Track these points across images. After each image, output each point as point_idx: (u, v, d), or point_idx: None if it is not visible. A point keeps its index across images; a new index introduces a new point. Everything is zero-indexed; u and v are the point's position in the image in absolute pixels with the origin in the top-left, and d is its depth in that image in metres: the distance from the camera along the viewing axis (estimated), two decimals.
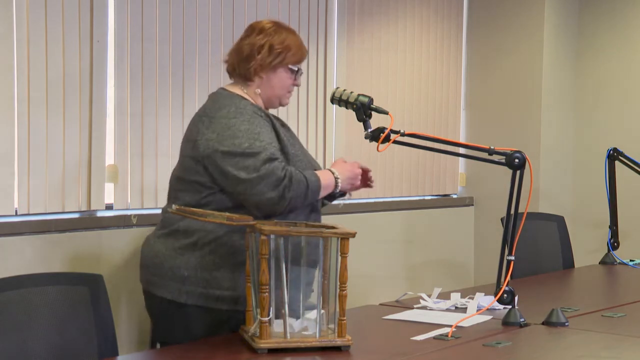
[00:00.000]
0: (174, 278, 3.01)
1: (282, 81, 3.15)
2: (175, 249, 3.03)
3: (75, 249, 3.85)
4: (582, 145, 5.91)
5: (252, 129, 2.98)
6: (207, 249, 2.99)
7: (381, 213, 5.32)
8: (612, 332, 3.04)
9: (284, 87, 3.17)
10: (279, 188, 2.92)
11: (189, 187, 3.05)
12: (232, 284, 2.98)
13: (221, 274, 2.98)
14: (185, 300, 3.00)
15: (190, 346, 2.81)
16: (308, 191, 2.99)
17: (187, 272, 3.00)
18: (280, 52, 3.13)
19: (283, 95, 3.18)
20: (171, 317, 3.04)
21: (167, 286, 3.03)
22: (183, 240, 3.02)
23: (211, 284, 2.99)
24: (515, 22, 5.75)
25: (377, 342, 2.88)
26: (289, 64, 3.15)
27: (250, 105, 3.07)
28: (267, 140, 2.98)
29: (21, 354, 2.61)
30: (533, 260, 4.58)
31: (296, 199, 2.96)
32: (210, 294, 2.99)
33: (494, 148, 3.05)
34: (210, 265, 2.99)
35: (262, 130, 3.00)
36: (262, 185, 2.92)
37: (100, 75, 3.95)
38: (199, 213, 2.83)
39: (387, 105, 3.31)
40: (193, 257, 3.00)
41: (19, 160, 3.71)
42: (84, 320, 2.74)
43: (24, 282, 2.68)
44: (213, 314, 3.00)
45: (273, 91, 3.15)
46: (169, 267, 3.03)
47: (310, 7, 4.85)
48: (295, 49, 3.16)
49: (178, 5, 4.22)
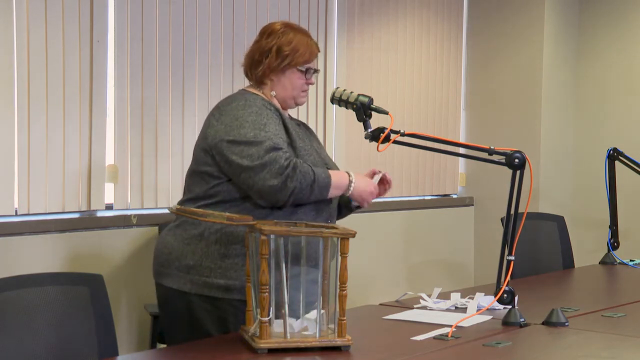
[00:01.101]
0: (180, 267, 3.03)
1: (292, 82, 3.16)
2: (183, 239, 3.05)
3: (75, 249, 3.85)
4: (582, 145, 5.91)
5: (259, 120, 3.01)
6: (212, 239, 3.01)
7: (381, 213, 5.32)
8: (612, 332, 3.04)
9: (296, 87, 3.17)
10: (281, 176, 2.92)
11: (199, 178, 3.09)
12: (237, 274, 2.98)
13: (226, 264, 2.99)
14: (190, 289, 3.01)
15: (190, 346, 2.81)
16: (314, 185, 2.98)
17: (192, 262, 3.01)
18: (288, 54, 3.13)
19: (297, 96, 3.19)
20: (175, 306, 3.06)
21: (173, 275, 3.04)
22: (191, 230, 3.04)
23: (216, 273, 3.00)
24: (515, 22, 5.75)
25: (377, 342, 2.88)
26: (298, 65, 3.15)
27: (260, 100, 3.09)
28: (273, 132, 3.00)
29: (21, 354, 2.61)
30: (533, 260, 4.58)
31: (301, 191, 2.96)
32: (215, 283, 2.99)
33: (494, 148, 3.05)
34: (215, 255, 3.00)
35: (269, 122, 3.02)
36: (265, 172, 2.93)
37: (100, 75, 3.95)
38: (199, 213, 2.84)
39: (387, 105, 3.31)
40: (199, 247, 3.02)
41: (19, 160, 3.71)
42: (84, 320, 2.74)
43: (24, 282, 2.68)
44: (217, 304, 3.00)
45: (286, 92, 3.16)
46: (176, 256, 3.05)
47: (310, 7, 4.85)
48: (303, 49, 3.16)
49: (178, 6, 4.23)
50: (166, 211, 3.91)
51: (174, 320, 3.08)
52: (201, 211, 2.85)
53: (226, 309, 3.00)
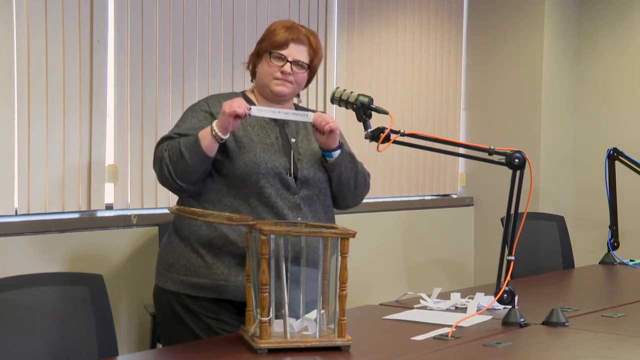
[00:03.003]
0: (164, 266, 3.08)
1: (264, 68, 3.11)
2: (170, 239, 3.11)
3: (75, 249, 3.85)
4: (582, 145, 5.91)
5: (182, 117, 3.08)
6: (189, 238, 3.04)
7: (381, 213, 5.32)
8: (612, 332, 3.04)
9: (267, 74, 3.09)
10: (157, 159, 2.99)
11: None
12: (207, 272, 2.99)
13: (198, 262, 3.01)
14: (170, 286, 3.05)
15: (190, 346, 2.81)
16: (182, 149, 2.92)
17: (172, 260, 3.06)
18: (262, 39, 3.12)
19: (269, 82, 3.09)
20: (160, 305, 3.11)
21: (160, 274, 3.10)
22: (176, 229, 3.10)
23: (190, 271, 3.01)
24: (515, 22, 5.75)
25: (377, 342, 2.88)
26: (267, 50, 3.10)
27: (215, 99, 3.11)
28: (184, 127, 3.03)
29: (21, 353, 2.61)
30: (533, 260, 4.58)
31: (177, 164, 2.94)
32: (189, 281, 3.01)
33: (494, 148, 3.05)
34: (190, 253, 3.02)
35: (190, 119, 3.06)
36: (155, 166, 3.02)
37: (100, 75, 3.95)
38: (198, 213, 2.83)
39: (387, 105, 3.32)
40: (179, 246, 3.06)
41: (19, 160, 3.71)
42: (84, 320, 2.74)
43: (24, 282, 2.68)
44: (195, 302, 3.02)
45: (261, 80, 3.12)
46: (162, 256, 3.11)
47: (310, 7, 4.85)
48: (274, 36, 3.08)
49: (178, 6, 4.23)
50: (166, 211, 3.92)
51: (161, 317, 3.13)
52: (201, 211, 2.85)
53: (206, 307, 3.01)
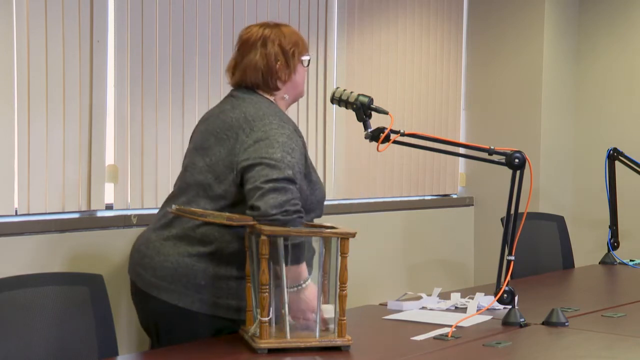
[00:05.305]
0: (188, 286, 2.94)
1: (301, 76, 3.16)
2: (191, 256, 2.95)
3: (75, 249, 3.85)
4: (582, 145, 5.91)
5: (289, 143, 2.91)
6: (225, 260, 2.95)
7: (381, 213, 5.32)
8: (612, 332, 3.04)
9: (304, 80, 3.19)
10: (281, 212, 2.77)
11: (205, 195, 3.00)
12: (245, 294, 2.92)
13: (236, 284, 2.94)
14: (198, 308, 2.94)
15: (190, 346, 2.81)
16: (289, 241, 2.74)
17: (204, 282, 2.93)
18: (293, 50, 3.12)
19: (304, 89, 3.21)
20: (178, 323, 2.97)
21: (179, 292, 2.95)
22: (199, 247, 2.95)
23: (225, 293, 2.95)
24: (515, 22, 5.75)
25: (377, 342, 2.88)
26: (301, 56, 3.15)
27: (287, 118, 3.04)
28: (296, 161, 2.90)
29: (21, 353, 2.61)
30: (533, 260, 4.58)
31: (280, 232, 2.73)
32: (223, 303, 2.95)
33: (494, 148, 3.05)
34: (227, 276, 2.97)
35: (296, 149, 2.93)
36: (271, 197, 2.78)
37: (100, 75, 3.95)
38: (198, 213, 2.83)
39: (387, 105, 3.32)
40: (211, 266, 2.94)
41: (19, 160, 3.71)
42: (84, 320, 2.74)
43: (24, 282, 2.68)
44: (221, 323, 2.96)
45: (297, 89, 3.15)
46: (184, 274, 2.95)
47: (310, 7, 4.85)
48: (300, 41, 3.15)
49: (178, 6, 4.22)
50: None
51: (173, 335, 2.98)
52: (201, 211, 2.84)
53: (231, 328, 2.95)
